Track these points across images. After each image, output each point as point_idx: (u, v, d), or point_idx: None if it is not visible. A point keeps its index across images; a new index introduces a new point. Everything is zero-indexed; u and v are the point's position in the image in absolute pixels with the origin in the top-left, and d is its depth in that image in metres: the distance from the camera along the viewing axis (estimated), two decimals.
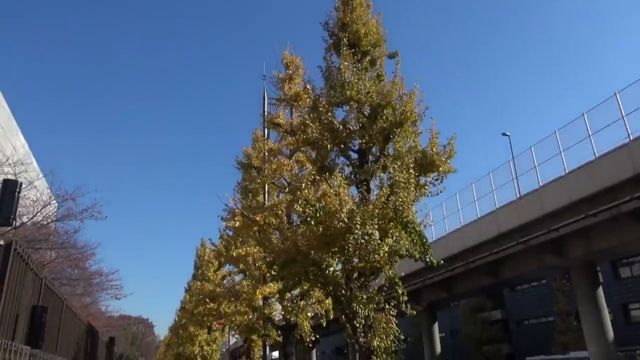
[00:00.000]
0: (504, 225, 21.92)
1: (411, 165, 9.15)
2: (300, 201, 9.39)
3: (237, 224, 15.21)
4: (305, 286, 12.12)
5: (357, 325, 8.64)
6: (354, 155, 10.66)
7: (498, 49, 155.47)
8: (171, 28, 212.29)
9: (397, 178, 8.84)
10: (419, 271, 25.72)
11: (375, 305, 8.81)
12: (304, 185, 9.63)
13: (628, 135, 16.83)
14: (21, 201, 12.23)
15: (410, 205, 8.97)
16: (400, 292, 8.80)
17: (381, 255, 8.48)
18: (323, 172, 10.34)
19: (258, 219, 14.02)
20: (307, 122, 10.79)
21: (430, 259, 9.21)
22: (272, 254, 10.48)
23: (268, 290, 14.83)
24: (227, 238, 16.77)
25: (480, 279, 26.05)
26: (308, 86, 12.99)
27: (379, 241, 8.64)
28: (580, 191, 18.09)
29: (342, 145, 10.44)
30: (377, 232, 8.70)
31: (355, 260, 8.82)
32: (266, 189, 16.72)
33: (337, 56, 11.18)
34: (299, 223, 10.85)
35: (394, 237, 9.00)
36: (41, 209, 16.42)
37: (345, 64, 10.55)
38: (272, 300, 15.71)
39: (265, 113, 16.94)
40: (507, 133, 26.73)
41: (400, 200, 8.68)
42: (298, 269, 9.47)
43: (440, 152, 9.66)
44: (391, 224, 8.79)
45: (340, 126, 10.18)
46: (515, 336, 45.12)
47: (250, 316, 15.51)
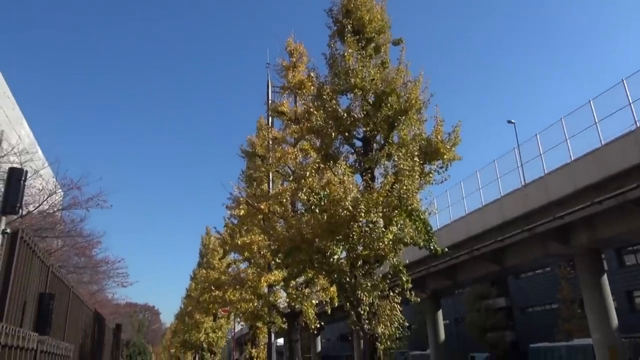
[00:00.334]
0: (509, 213, 21.85)
1: (416, 153, 9.14)
2: (304, 189, 9.41)
3: (242, 212, 15.27)
4: (310, 274, 12.19)
5: (362, 312, 8.68)
6: (359, 143, 10.63)
7: (505, 35, 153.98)
8: (177, 13, 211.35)
9: (402, 166, 8.84)
10: (424, 259, 25.76)
11: (379, 293, 8.83)
12: (308, 173, 9.65)
13: (635, 122, 16.67)
14: (27, 190, 12.33)
15: (414, 193, 8.97)
16: (404, 280, 8.85)
17: (385, 243, 8.50)
18: (327, 160, 10.30)
19: (263, 207, 14.07)
20: (312, 110, 10.73)
21: (434, 247, 9.24)
22: (277, 242, 10.51)
23: (273, 278, 14.90)
24: (232, 226, 16.86)
25: (484, 266, 26.11)
26: (312, 74, 12.93)
27: (383, 229, 8.67)
28: (585, 179, 17.97)
29: (347, 133, 10.40)
30: (382, 220, 8.73)
31: (360, 248, 8.85)
32: (270, 177, 16.75)
33: (342, 43, 11.06)
34: (303, 211, 10.90)
35: (399, 225, 9.01)
36: (47, 198, 16.52)
37: (349, 51, 10.44)
38: (277, 287, 15.80)
39: (270, 101, 16.89)
40: (512, 121, 26.61)
41: (404, 188, 8.68)
42: (303, 257, 9.51)
43: (445, 140, 9.64)
44: (395, 211, 8.81)
45: (345, 114, 10.14)
46: (519, 324, 45.29)
47: (255, 304, 15.60)
